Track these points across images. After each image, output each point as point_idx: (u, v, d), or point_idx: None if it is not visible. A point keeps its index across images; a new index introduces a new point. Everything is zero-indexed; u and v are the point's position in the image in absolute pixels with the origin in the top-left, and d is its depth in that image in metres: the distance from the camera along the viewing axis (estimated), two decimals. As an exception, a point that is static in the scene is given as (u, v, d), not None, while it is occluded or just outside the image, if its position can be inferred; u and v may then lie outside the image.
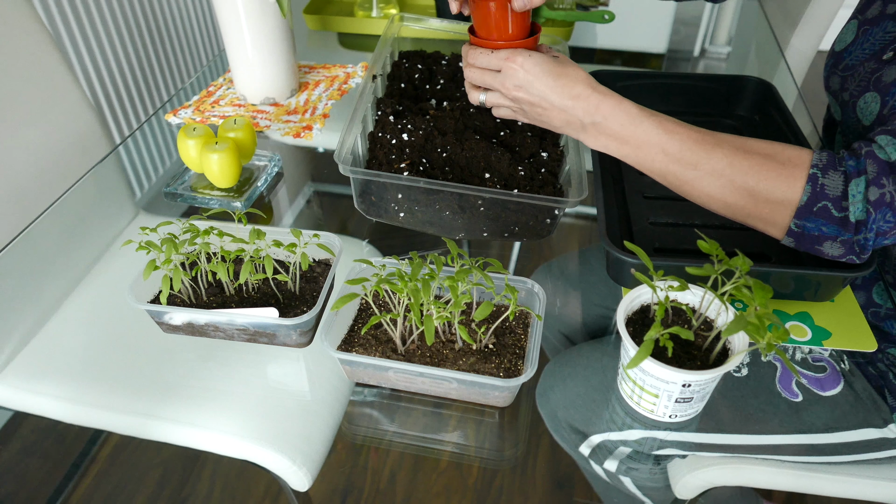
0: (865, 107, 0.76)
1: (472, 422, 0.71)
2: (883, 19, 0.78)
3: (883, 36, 0.78)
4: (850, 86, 0.80)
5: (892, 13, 0.78)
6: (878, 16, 0.79)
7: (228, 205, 0.95)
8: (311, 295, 0.77)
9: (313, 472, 0.66)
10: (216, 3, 1.08)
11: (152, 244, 0.72)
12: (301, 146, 1.12)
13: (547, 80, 0.72)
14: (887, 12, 0.78)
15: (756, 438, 0.69)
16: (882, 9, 0.79)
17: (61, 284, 0.85)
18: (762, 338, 0.56)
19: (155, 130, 1.16)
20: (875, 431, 0.70)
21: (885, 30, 0.78)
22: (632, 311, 0.68)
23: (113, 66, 1.84)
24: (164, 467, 0.69)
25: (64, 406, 0.72)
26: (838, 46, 0.85)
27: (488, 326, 0.72)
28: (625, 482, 0.67)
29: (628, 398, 0.68)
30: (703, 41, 1.53)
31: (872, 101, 0.75)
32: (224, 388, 0.73)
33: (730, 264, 0.62)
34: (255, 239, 0.74)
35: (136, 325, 0.78)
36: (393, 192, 0.85)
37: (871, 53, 0.78)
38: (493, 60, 0.74)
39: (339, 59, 1.37)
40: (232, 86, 1.24)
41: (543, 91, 0.72)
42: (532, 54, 0.72)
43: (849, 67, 0.81)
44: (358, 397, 0.74)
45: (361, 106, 0.91)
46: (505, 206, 0.83)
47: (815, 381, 0.73)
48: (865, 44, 0.80)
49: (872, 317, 0.79)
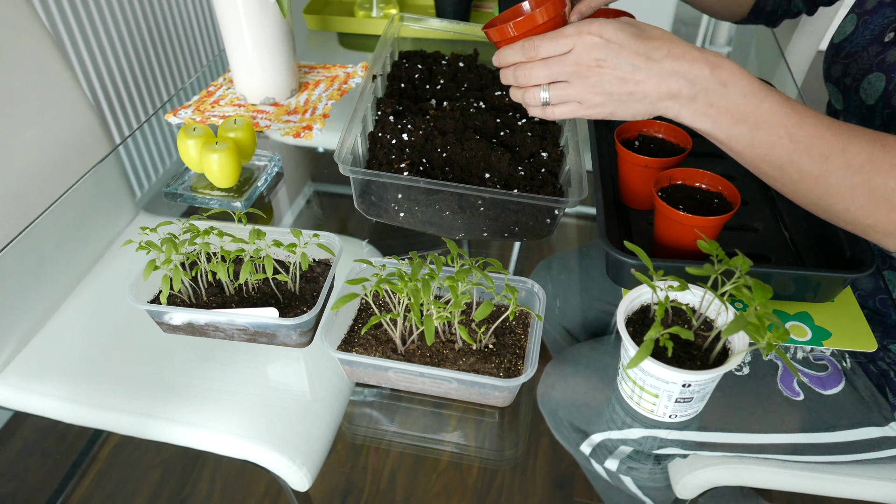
0: (869, 87, 0.76)
1: (472, 422, 0.71)
2: (881, 7, 0.79)
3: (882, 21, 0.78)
4: (852, 70, 0.80)
5: (890, 2, 0.78)
6: (877, 5, 0.80)
7: (228, 205, 0.95)
8: (311, 295, 0.77)
9: (313, 472, 0.66)
10: (216, 3, 1.08)
11: (152, 244, 0.72)
12: (301, 146, 1.12)
13: (636, 45, 0.60)
14: (885, 1, 0.79)
15: (757, 437, 0.69)
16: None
17: (61, 284, 0.85)
18: (762, 338, 0.56)
19: (155, 130, 1.16)
20: (877, 430, 0.70)
21: (885, 16, 0.78)
22: (632, 311, 0.68)
23: (113, 66, 1.84)
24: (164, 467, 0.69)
25: (64, 406, 0.72)
26: (837, 38, 0.86)
27: (488, 326, 0.72)
28: (625, 482, 0.67)
29: (628, 398, 0.68)
30: (703, 41, 1.53)
31: (877, 81, 0.75)
32: (224, 388, 0.73)
33: (730, 264, 0.62)
34: (255, 239, 0.74)
35: (136, 325, 0.78)
36: (393, 192, 0.85)
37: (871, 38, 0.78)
38: (560, 43, 0.61)
39: (339, 59, 1.37)
40: (232, 86, 1.24)
41: (633, 59, 0.60)
42: (607, 21, 0.60)
43: (850, 55, 0.81)
44: (358, 397, 0.74)
45: (361, 106, 0.91)
46: (505, 206, 0.82)
47: (816, 379, 0.73)
48: (865, 31, 0.80)
49: (880, 304, 0.78)
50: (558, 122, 0.97)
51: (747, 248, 0.80)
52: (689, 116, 0.62)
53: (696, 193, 0.80)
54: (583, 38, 0.61)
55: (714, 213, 0.76)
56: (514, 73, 0.66)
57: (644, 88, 0.61)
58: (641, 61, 0.60)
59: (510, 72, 0.67)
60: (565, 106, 0.66)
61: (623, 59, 0.60)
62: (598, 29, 0.60)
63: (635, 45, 0.60)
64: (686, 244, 0.75)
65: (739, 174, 0.95)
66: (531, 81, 0.65)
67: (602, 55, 0.60)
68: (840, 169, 0.58)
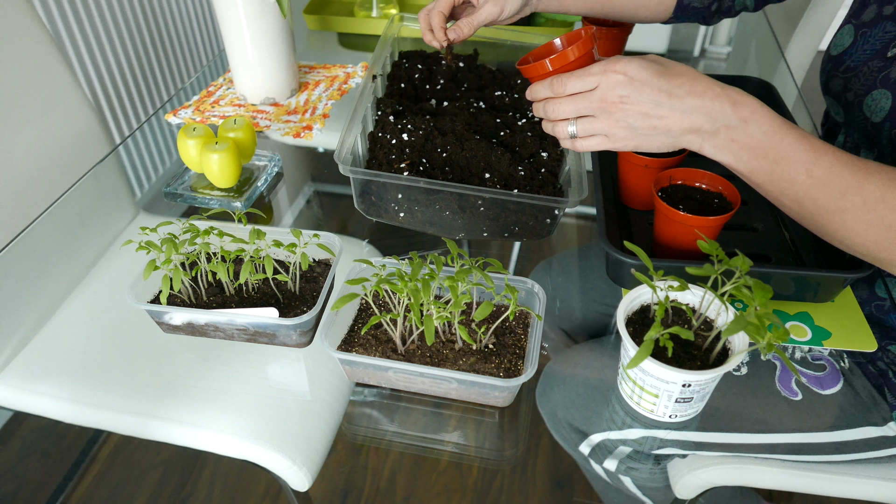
0: (874, 104, 0.76)
1: (472, 422, 0.71)
2: (880, 20, 0.79)
3: (883, 35, 0.78)
4: (854, 86, 0.80)
5: (889, 14, 0.78)
6: (875, 18, 0.80)
7: (228, 205, 0.95)
8: (311, 295, 0.77)
9: (313, 472, 0.66)
10: (216, 3, 1.08)
11: (152, 244, 0.72)
12: (301, 146, 1.12)
13: (660, 83, 0.62)
14: (884, 14, 0.79)
15: (756, 437, 0.69)
16: (878, 11, 0.80)
17: (61, 284, 0.85)
18: (762, 338, 0.56)
19: (155, 130, 1.16)
20: (875, 430, 0.70)
21: (885, 30, 0.78)
22: (632, 311, 0.68)
23: (113, 66, 1.84)
24: (164, 467, 0.69)
25: (64, 406, 0.72)
26: (835, 50, 0.85)
27: (488, 326, 0.72)
28: (625, 482, 0.67)
29: (628, 398, 0.68)
30: (703, 41, 1.53)
31: (882, 98, 0.75)
32: (224, 388, 0.73)
33: (730, 264, 0.62)
34: (255, 239, 0.74)
35: (136, 325, 0.78)
36: (393, 192, 0.85)
37: (873, 52, 0.78)
38: (586, 81, 0.65)
39: (339, 59, 1.37)
40: (232, 86, 1.24)
41: (656, 96, 0.62)
42: (632, 59, 0.64)
43: (851, 69, 0.81)
44: (358, 397, 0.74)
45: (361, 106, 0.91)
46: (505, 206, 0.83)
47: (814, 379, 0.73)
48: (865, 45, 0.80)
49: (876, 310, 0.79)
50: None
51: (747, 248, 0.80)
52: (712, 150, 0.64)
53: (696, 193, 0.80)
54: (608, 77, 0.63)
55: (714, 213, 0.76)
56: (544, 108, 0.69)
57: (667, 123, 0.64)
58: (664, 98, 0.63)
59: (541, 106, 0.70)
60: (592, 139, 0.68)
61: (646, 95, 0.63)
62: (623, 67, 0.63)
63: (658, 82, 0.62)
64: (686, 244, 0.75)
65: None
66: (559, 116, 0.68)
67: (626, 92, 0.63)
68: (856, 206, 0.59)
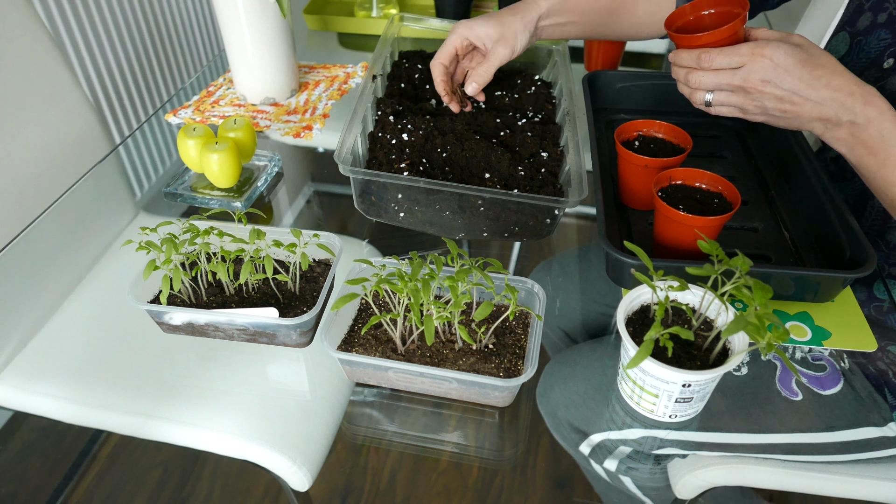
0: None
1: (472, 422, 0.71)
2: (875, 28, 0.79)
3: (878, 43, 0.78)
4: None
5: (884, 22, 0.78)
6: (870, 26, 0.80)
7: (228, 205, 0.95)
8: (311, 295, 0.77)
9: (313, 472, 0.66)
10: (216, 3, 1.08)
11: (152, 244, 0.72)
12: (301, 146, 1.12)
13: (801, 73, 0.67)
14: (878, 21, 0.79)
15: (756, 437, 0.69)
16: (873, 19, 0.80)
17: (61, 284, 0.85)
18: (762, 338, 0.56)
19: (155, 130, 1.16)
20: (875, 430, 0.70)
21: (879, 38, 0.78)
22: (632, 311, 0.68)
23: (113, 66, 1.84)
24: (164, 467, 0.69)
25: (64, 406, 0.72)
26: None
27: (488, 326, 0.72)
28: (625, 482, 0.67)
29: (628, 398, 0.68)
30: (702, 41, 1.53)
31: None
32: (224, 388, 0.73)
33: (730, 264, 0.62)
34: (255, 239, 0.74)
35: (136, 325, 0.78)
36: (393, 192, 0.85)
37: (868, 62, 0.79)
38: (732, 59, 0.69)
39: (339, 59, 1.37)
40: (232, 86, 1.24)
41: (796, 84, 0.67)
42: (780, 45, 0.67)
43: None
44: (358, 397, 0.74)
45: (361, 106, 0.91)
46: (505, 206, 0.83)
47: (814, 380, 0.73)
48: (861, 54, 0.80)
49: (875, 311, 0.79)
50: (558, 122, 0.97)
51: (747, 248, 0.80)
52: (832, 139, 0.69)
53: (696, 193, 0.80)
54: (755, 60, 0.67)
55: (714, 213, 0.76)
56: (685, 76, 0.74)
57: (798, 110, 0.69)
58: (802, 87, 0.67)
59: (683, 73, 0.74)
60: (725, 108, 0.74)
61: (786, 83, 0.67)
62: (770, 52, 0.67)
63: (800, 71, 0.67)
64: (686, 244, 0.75)
65: (739, 174, 0.95)
66: (701, 87, 0.73)
67: (768, 77, 0.67)
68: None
